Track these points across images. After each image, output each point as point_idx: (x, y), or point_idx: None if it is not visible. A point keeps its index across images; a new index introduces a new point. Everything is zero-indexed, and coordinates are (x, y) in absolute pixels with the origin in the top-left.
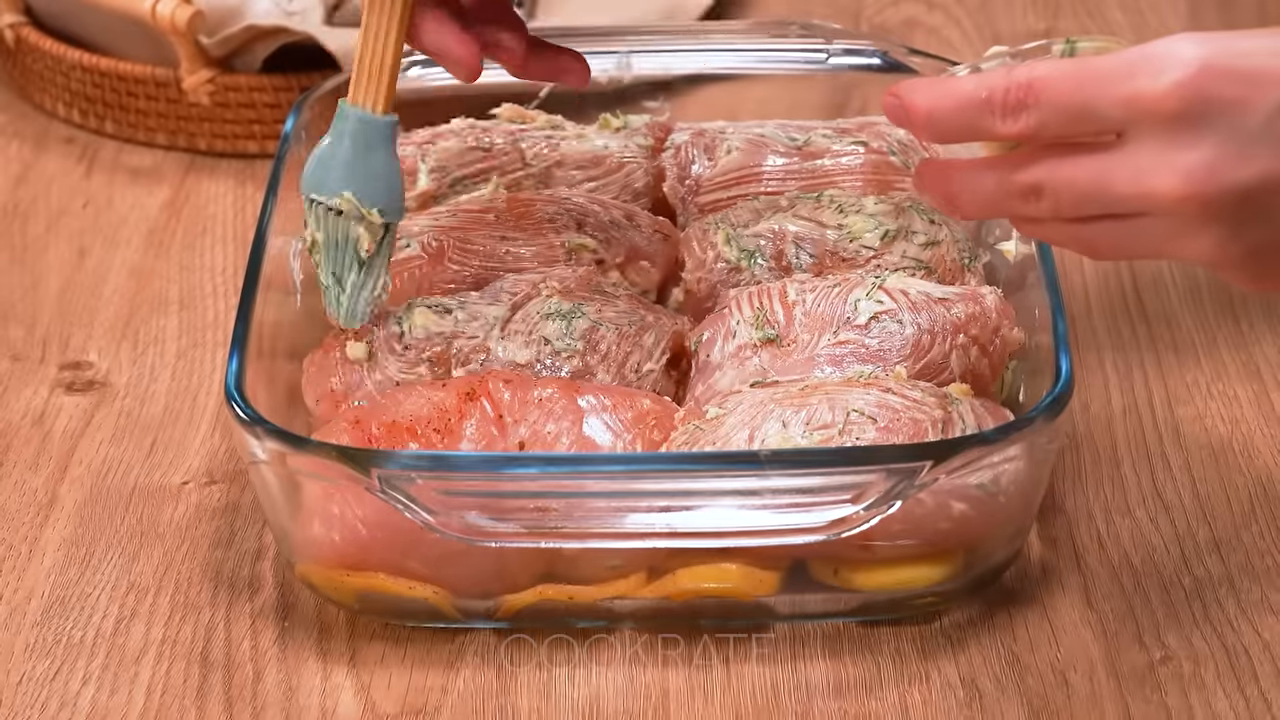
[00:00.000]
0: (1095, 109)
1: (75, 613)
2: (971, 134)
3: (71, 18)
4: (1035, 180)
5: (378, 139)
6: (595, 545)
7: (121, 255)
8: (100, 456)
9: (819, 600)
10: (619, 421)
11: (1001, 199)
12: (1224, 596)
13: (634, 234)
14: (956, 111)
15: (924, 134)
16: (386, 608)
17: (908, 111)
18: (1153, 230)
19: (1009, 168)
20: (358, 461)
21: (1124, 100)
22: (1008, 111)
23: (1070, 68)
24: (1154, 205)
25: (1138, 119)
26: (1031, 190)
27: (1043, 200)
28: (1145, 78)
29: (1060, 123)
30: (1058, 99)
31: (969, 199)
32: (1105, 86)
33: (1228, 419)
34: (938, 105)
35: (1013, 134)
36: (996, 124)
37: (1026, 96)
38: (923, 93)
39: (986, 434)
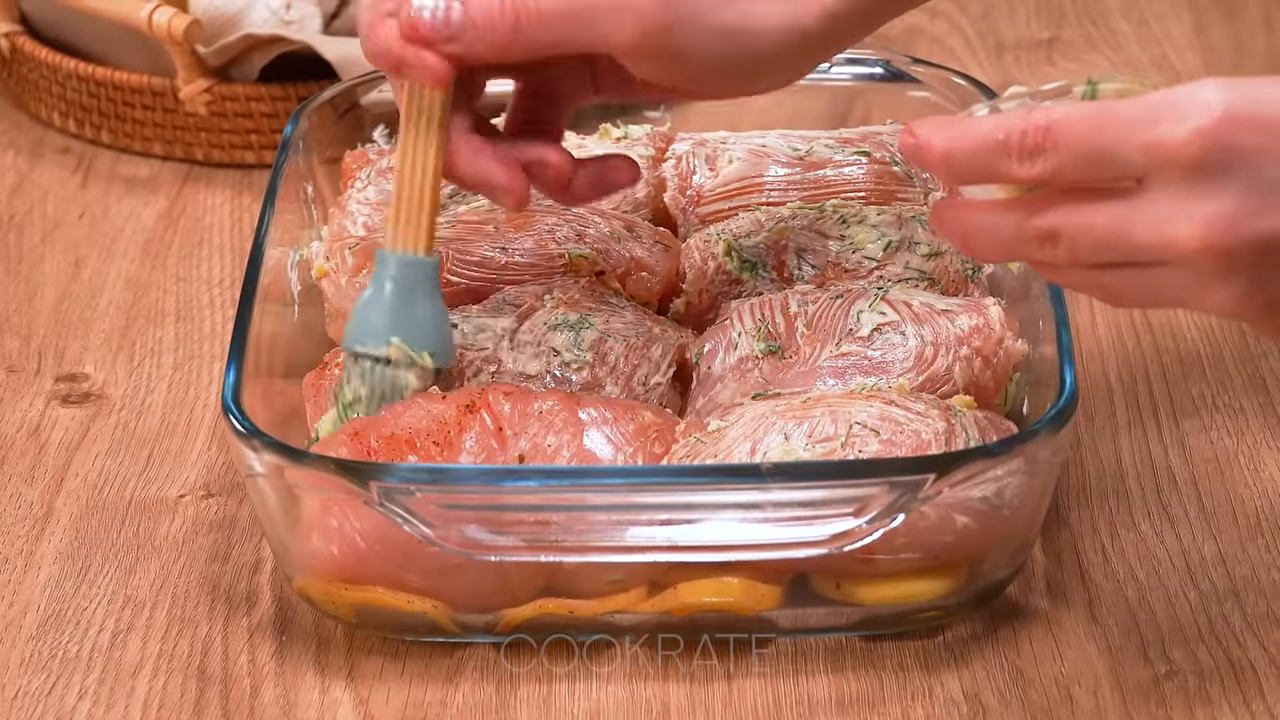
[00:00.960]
0: (1115, 154)
1: (71, 627)
2: (988, 176)
3: (67, 26)
4: (1052, 226)
5: (422, 282)
6: (596, 559)
7: (118, 266)
8: (96, 469)
9: (821, 614)
10: (620, 434)
11: (1017, 243)
12: (1230, 610)
13: (634, 245)
14: (973, 153)
15: (940, 174)
16: (385, 622)
17: (923, 151)
18: (1172, 280)
19: (1025, 212)
20: (356, 474)
21: (1144, 146)
22: (1025, 155)
23: (1090, 111)
24: (1173, 255)
25: (1158, 166)
26: (1048, 236)
27: (1059, 246)
28: (1167, 124)
29: (1078, 168)
30: (1076, 143)
31: (984, 241)
32: (1126, 132)
33: (1234, 432)
34: (954, 146)
35: (1030, 178)
36: (1013, 167)
37: (1044, 140)
38: (940, 133)
39: (990, 447)
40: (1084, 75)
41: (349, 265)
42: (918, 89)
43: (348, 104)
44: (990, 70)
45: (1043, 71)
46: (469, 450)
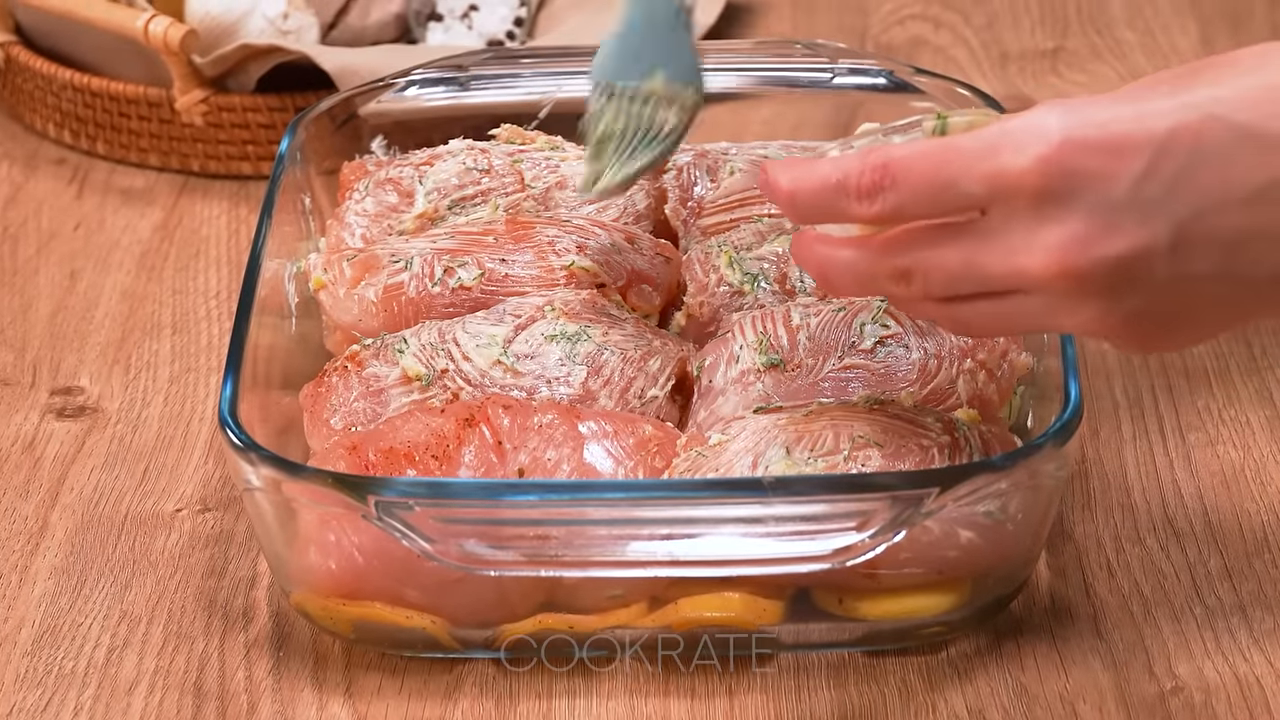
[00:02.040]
0: (957, 188)
1: (67, 642)
2: (833, 216)
3: (62, 37)
4: (905, 265)
5: (672, 18)
6: (596, 574)
7: (113, 278)
8: (92, 483)
9: (823, 630)
10: (620, 448)
11: (871, 280)
12: (1236, 626)
13: (635, 257)
14: (816, 194)
15: (788, 213)
16: (383, 637)
17: (772, 190)
18: (1028, 307)
19: (878, 250)
20: (354, 488)
21: (985, 178)
22: (863, 194)
23: (930, 148)
24: (1027, 283)
25: (1002, 197)
26: (901, 274)
27: (913, 283)
28: (1007, 154)
29: (920, 204)
30: (916, 181)
31: (840, 277)
32: (966, 165)
33: (1240, 445)
34: (799, 187)
35: (870, 217)
36: (854, 207)
37: (882, 179)
38: (786, 173)
39: (994, 460)
40: (974, 106)
41: (347, 277)
42: (921, 100)
43: (345, 115)
44: (994, 81)
45: (1047, 82)
46: (468, 464)
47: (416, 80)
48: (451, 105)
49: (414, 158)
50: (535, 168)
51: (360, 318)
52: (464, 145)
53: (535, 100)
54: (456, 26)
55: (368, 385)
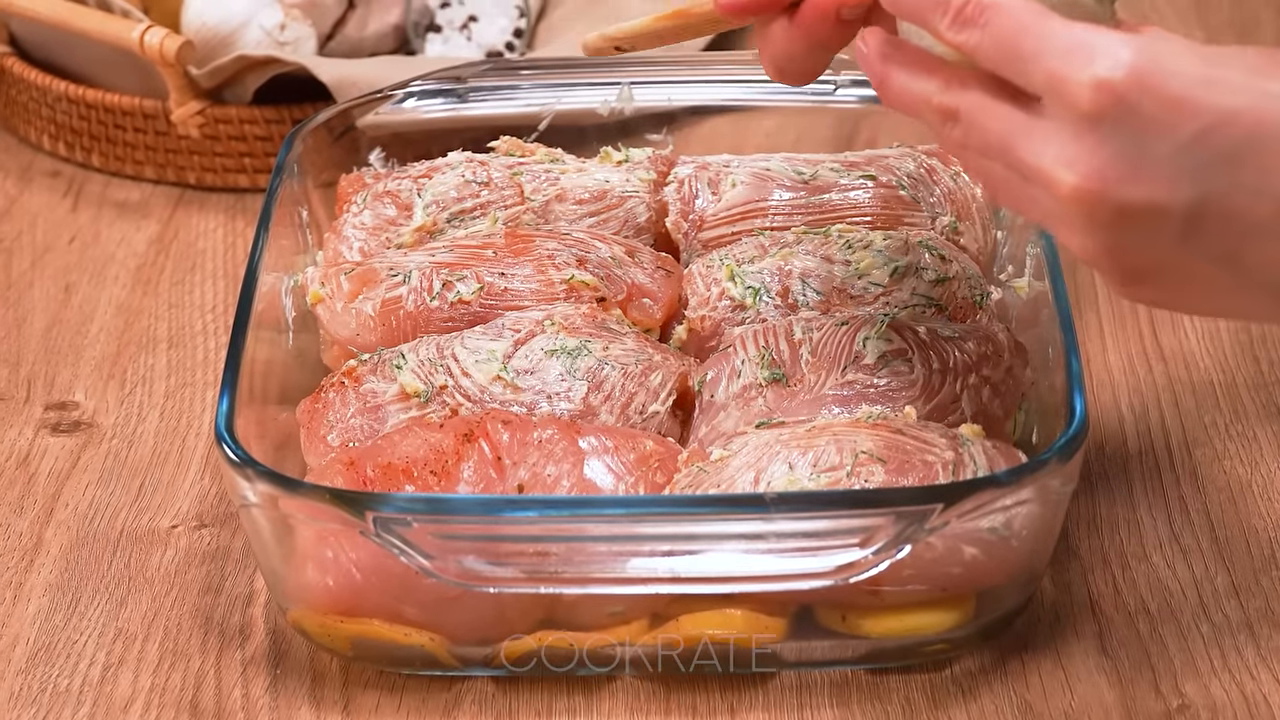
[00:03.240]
0: (1024, 66)
1: (62, 660)
2: (920, 20)
3: (57, 48)
4: (955, 106)
5: None
6: (596, 591)
7: (109, 292)
8: (87, 499)
9: (826, 647)
10: (621, 463)
11: (924, 106)
12: (1243, 643)
13: (636, 271)
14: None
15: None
16: (381, 655)
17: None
18: (1040, 202)
19: (939, 80)
20: (352, 504)
21: (1049, 74)
22: (956, 18)
23: (1029, 12)
24: (1044, 185)
25: (1053, 99)
26: (950, 113)
27: (956, 129)
28: (1076, 64)
29: (993, 55)
30: (1002, 32)
31: (897, 89)
32: (1041, 50)
33: (1247, 461)
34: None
35: (952, 42)
36: (942, 24)
37: (979, 15)
38: None
39: (999, 476)
40: None
41: (344, 291)
42: None
43: (343, 127)
44: None
45: None
46: (467, 480)
47: (415, 92)
48: (450, 117)
49: (412, 170)
50: (535, 180)
51: (358, 332)
52: (463, 158)
53: (535, 112)
54: (455, 38)
55: (365, 401)
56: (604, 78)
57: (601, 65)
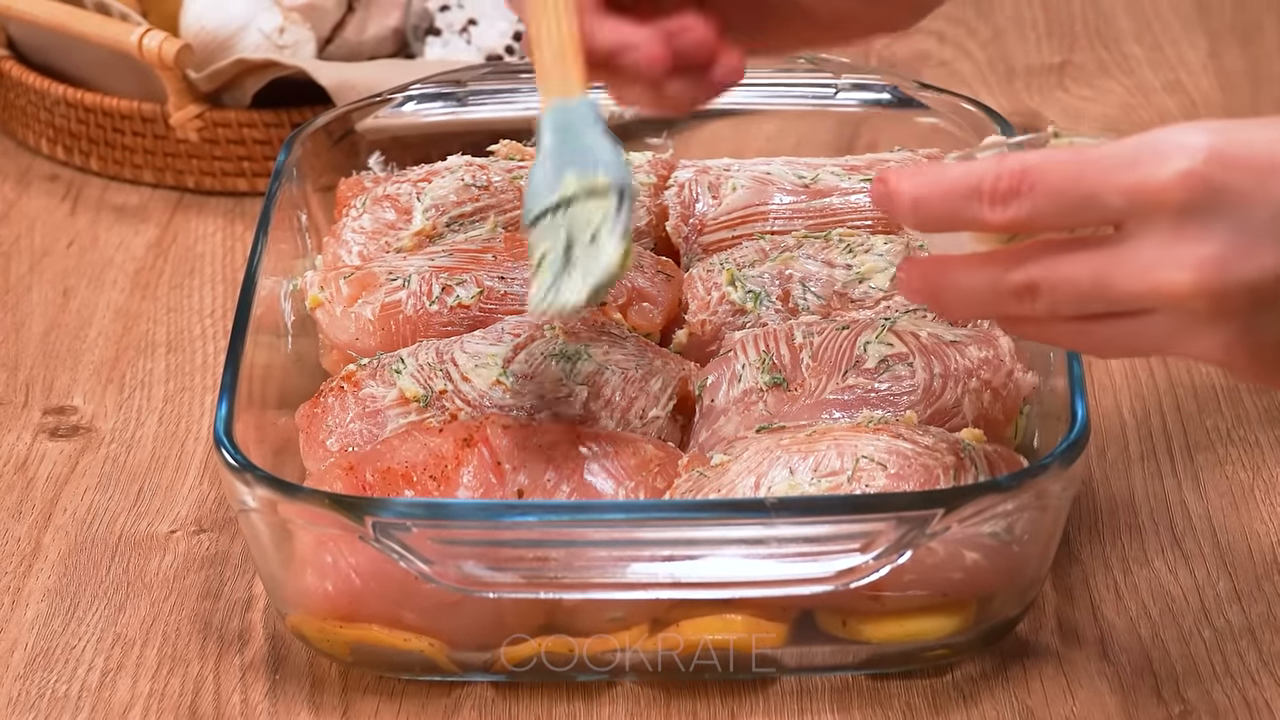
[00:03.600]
0: (1095, 198)
1: (60, 665)
2: (960, 223)
3: (55, 51)
4: (1030, 279)
5: (581, 120)
6: (596, 596)
7: (107, 296)
8: (85, 504)
9: (827, 652)
10: (621, 468)
11: (993, 299)
12: (1245, 649)
13: (636, 275)
14: (944, 198)
15: (909, 220)
16: (381, 660)
17: (893, 197)
18: (1159, 327)
19: (1001, 266)
20: (351, 509)
21: (1127, 189)
22: (998, 199)
23: (1069, 156)
24: (1162, 302)
25: (1141, 210)
26: (1026, 289)
27: (1039, 300)
28: (1150, 166)
29: (1056, 212)
30: (1054, 187)
31: (956, 298)
32: (1107, 175)
33: (1249, 465)
34: (925, 191)
35: (1003, 223)
36: (986, 212)
37: (1020, 184)
38: (910, 178)
39: (1000, 481)
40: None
41: (343, 295)
42: (926, 115)
43: (342, 130)
44: (1000, 96)
45: (1053, 97)
46: (467, 485)
47: (414, 95)
48: (450, 121)
49: (412, 174)
50: None
51: (357, 336)
52: (462, 161)
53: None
54: (455, 41)
55: (364, 406)
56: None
57: None
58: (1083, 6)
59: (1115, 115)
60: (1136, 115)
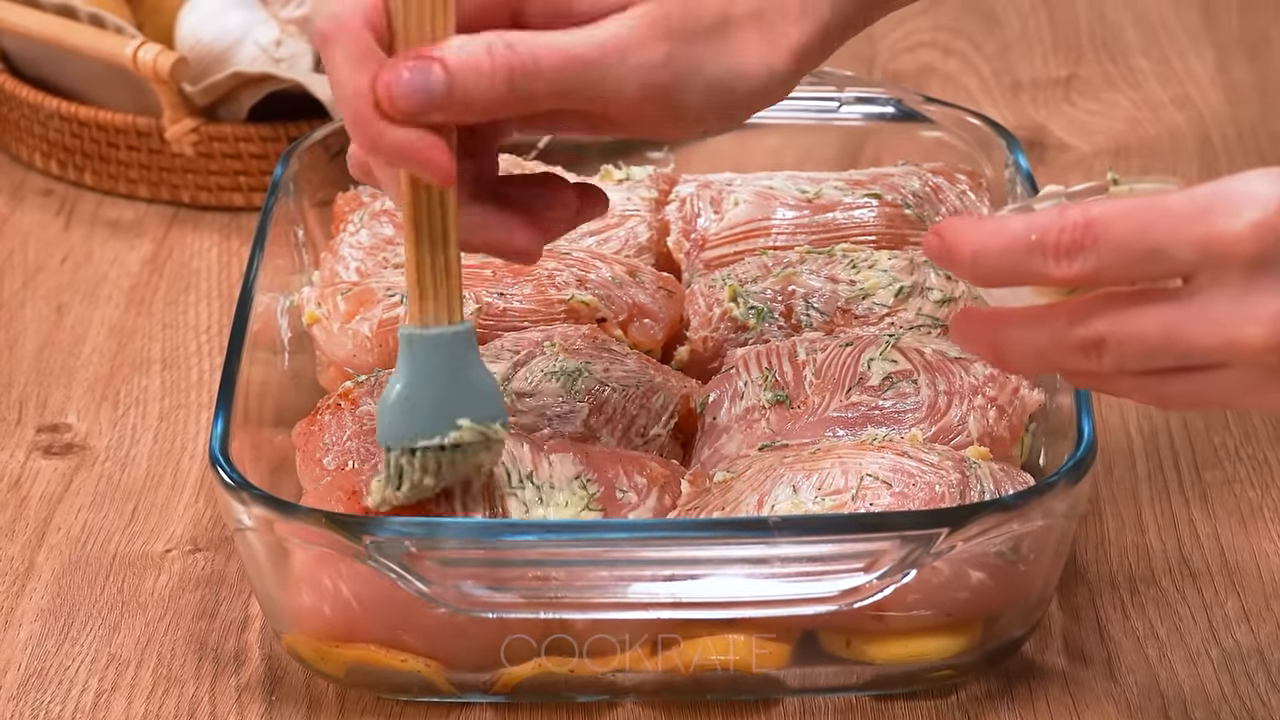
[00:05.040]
0: (1164, 251)
1: (54, 686)
2: (1021, 278)
3: (49, 64)
4: (1097, 334)
5: (463, 350)
6: (597, 616)
7: (101, 313)
8: (79, 523)
9: (830, 673)
10: None
11: (1057, 354)
12: (1254, 669)
13: (637, 291)
14: (1004, 253)
15: (968, 276)
16: (378, 681)
17: (951, 251)
18: (1231, 382)
19: (1066, 320)
20: (348, 529)
21: (1198, 241)
22: (1062, 253)
23: (1134, 207)
24: (1234, 356)
25: (1213, 262)
26: (1094, 344)
27: (1106, 355)
28: (1221, 217)
29: (1122, 266)
30: (1120, 239)
31: (1018, 353)
32: (1175, 227)
33: (1258, 484)
34: (984, 245)
35: (1068, 278)
36: (1050, 267)
37: (1084, 237)
38: (968, 233)
39: (1006, 499)
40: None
41: (341, 311)
42: (930, 129)
43: (340, 144)
44: (1006, 110)
45: (1060, 111)
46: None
47: None
48: None
49: None
50: None
51: (355, 353)
52: None
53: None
54: None
55: (362, 424)
56: None
57: None
58: (1089, 19)
59: (1122, 129)
60: (1144, 130)
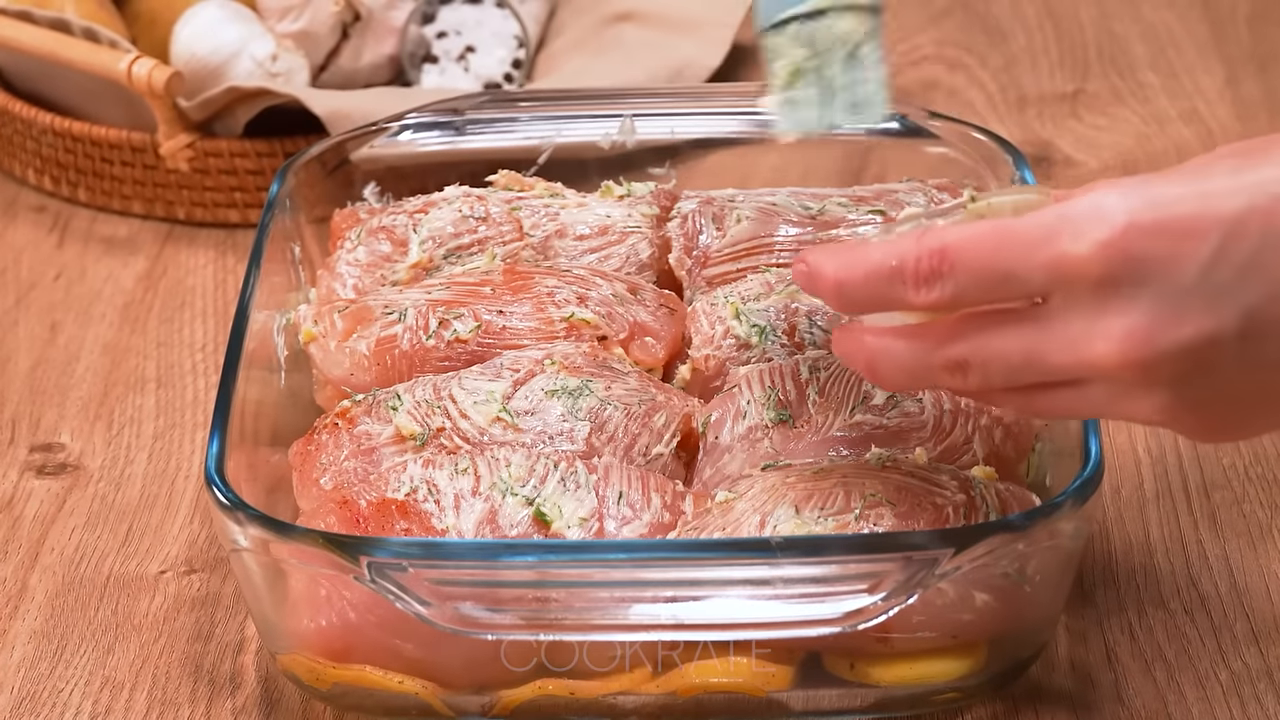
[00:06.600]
0: (1015, 275)
1: (47, 709)
2: (884, 305)
3: (43, 79)
4: (960, 356)
5: None
6: (598, 638)
7: (95, 331)
8: (73, 544)
9: (834, 696)
10: None
11: (925, 372)
12: (1263, 692)
13: (638, 309)
14: (866, 282)
15: (834, 304)
16: (375, 704)
17: (815, 280)
18: (1092, 396)
19: (931, 341)
20: (346, 549)
21: (1046, 265)
22: (920, 281)
23: (984, 232)
24: (1091, 373)
25: (1062, 284)
26: (957, 365)
27: (970, 375)
28: (1067, 240)
29: (978, 291)
30: (974, 266)
31: (889, 370)
32: (1025, 251)
33: (1267, 505)
34: (847, 275)
35: (928, 304)
36: (909, 294)
37: (940, 264)
38: (831, 261)
39: (1012, 520)
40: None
41: (338, 329)
42: (935, 145)
43: (337, 160)
44: (1012, 125)
45: (1066, 126)
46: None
47: (411, 124)
48: (447, 150)
49: (408, 205)
50: (534, 215)
51: (352, 372)
52: (460, 192)
53: (534, 145)
54: (452, 69)
55: (359, 444)
56: (605, 110)
57: (603, 97)
58: (1096, 34)
59: (1130, 145)
60: (1151, 145)
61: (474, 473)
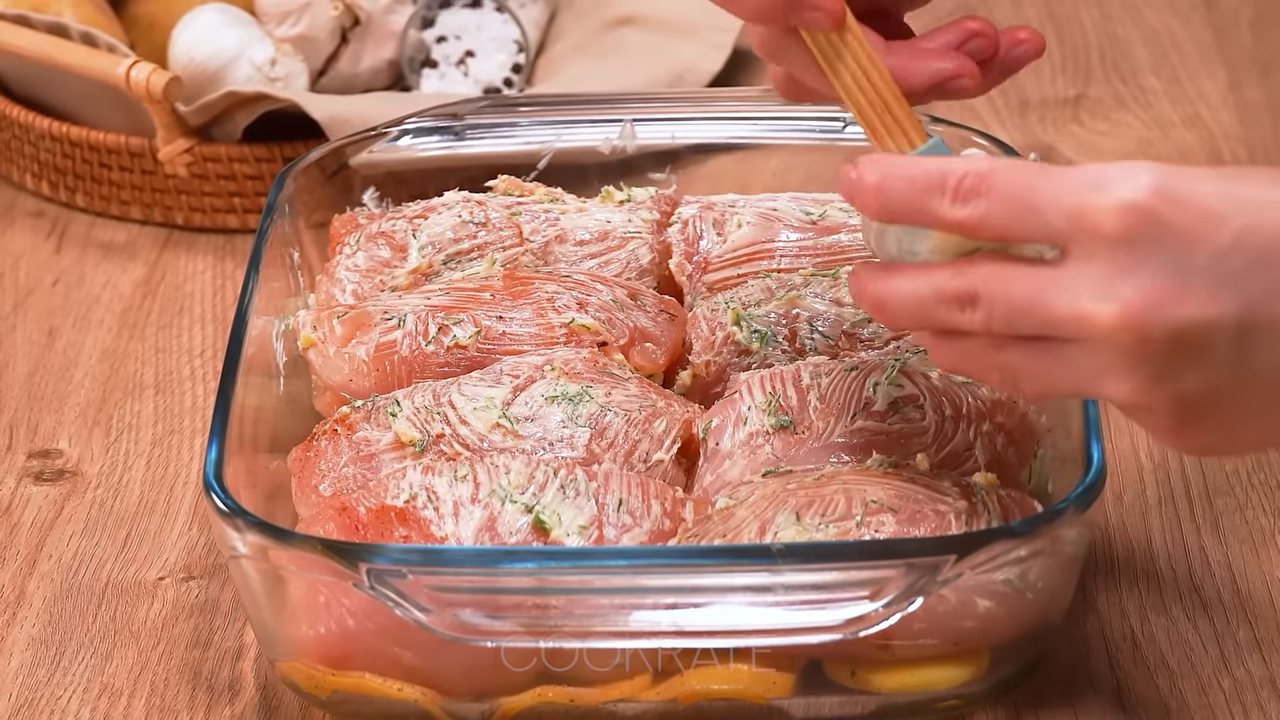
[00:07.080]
0: (1042, 214)
1: (45, 716)
2: (917, 216)
3: (40, 83)
4: (972, 287)
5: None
6: (598, 645)
7: (93, 336)
8: (71, 550)
9: (835, 703)
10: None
11: (935, 304)
12: (1266, 699)
13: (638, 314)
14: (908, 188)
15: (871, 204)
16: (374, 711)
17: (856, 185)
18: (1079, 361)
19: (947, 273)
20: (345, 556)
21: (1070, 211)
22: (959, 196)
23: (1029, 169)
24: (1088, 332)
25: (1081, 234)
26: (967, 297)
27: (976, 310)
28: (1095, 193)
29: (1006, 218)
30: (1009, 193)
31: (899, 304)
32: (1057, 193)
33: (1270, 510)
34: (892, 178)
35: (957, 220)
36: (945, 207)
37: (980, 184)
38: (877, 166)
39: (1013, 526)
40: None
41: (337, 335)
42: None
43: (336, 165)
44: (1014, 130)
45: (1068, 131)
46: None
47: (410, 129)
48: (446, 155)
49: (407, 210)
50: (534, 220)
51: (351, 378)
52: (459, 197)
53: (534, 150)
54: (452, 73)
55: (358, 450)
56: (605, 115)
57: (603, 102)
58: (1099, 38)
59: (1132, 149)
60: (1154, 150)
61: (473, 479)
